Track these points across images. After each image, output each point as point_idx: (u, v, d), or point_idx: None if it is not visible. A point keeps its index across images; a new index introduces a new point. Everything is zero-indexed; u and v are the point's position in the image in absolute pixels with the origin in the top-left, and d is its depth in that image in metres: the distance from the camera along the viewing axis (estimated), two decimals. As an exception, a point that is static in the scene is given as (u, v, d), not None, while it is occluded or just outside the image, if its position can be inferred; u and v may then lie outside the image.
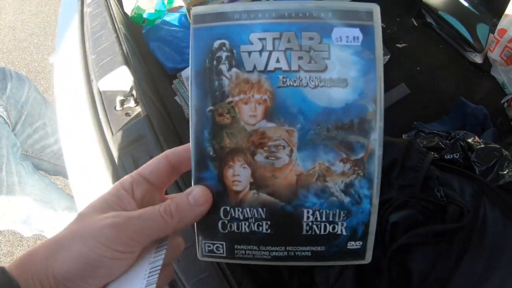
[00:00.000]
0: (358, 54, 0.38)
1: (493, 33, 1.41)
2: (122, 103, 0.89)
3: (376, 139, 0.39)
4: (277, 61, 0.38)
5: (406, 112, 1.27)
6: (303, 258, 0.41)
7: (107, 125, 0.88)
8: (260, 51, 0.38)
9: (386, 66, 1.33)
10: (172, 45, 1.24)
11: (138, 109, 0.88)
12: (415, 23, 1.60)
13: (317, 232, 0.41)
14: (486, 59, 1.48)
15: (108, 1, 1.08)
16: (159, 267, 0.37)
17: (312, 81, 0.38)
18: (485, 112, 1.26)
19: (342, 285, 0.78)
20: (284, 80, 0.39)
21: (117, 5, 1.15)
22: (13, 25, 3.32)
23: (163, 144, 0.80)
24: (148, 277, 0.36)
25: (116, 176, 0.80)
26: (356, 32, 0.38)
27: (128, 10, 1.25)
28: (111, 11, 1.06)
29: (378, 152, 0.40)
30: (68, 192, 1.58)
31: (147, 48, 1.27)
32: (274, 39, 0.38)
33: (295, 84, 0.39)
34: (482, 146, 0.92)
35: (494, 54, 1.44)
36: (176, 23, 1.28)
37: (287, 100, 0.39)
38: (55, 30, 3.18)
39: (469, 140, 0.94)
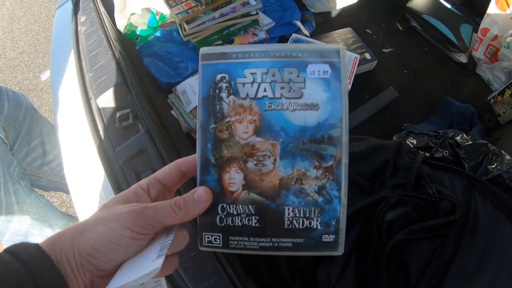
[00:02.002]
0: (328, 85, 0.48)
1: (476, 32, 1.46)
2: (122, 119, 0.91)
3: (342, 150, 0.48)
4: (265, 90, 0.49)
5: (395, 115, 1.30)
6: (285, 248, 0.50)
7: (108, 141, 0.90)
8: (252, 83, 0.49)
9: (374, 71, 1.38)
10: (165, 60, 1.26)
11: (138, 124, 0.90)
12: (400, 27, 1.65)
13: (297, 226, 0.49)
14: (470, 58, 1.53)
15: (102, 20, 1.10)
16: (168, 245, 0.44)
17: (291, 105, 0.48)
18: (472, 110, 1.30)
19: (343, 284, 0.80)
20: (270, 105, 0.49)
21: (110, 23, 1.18)
22: (3, 44, 3.35)
23: (164, 157, 0.82)
24: (159, 251, 0.43)
25: (119, 191, 0.81)
26: (326, 67, 0.48)
27: (121, 27, 1.28)
28: (106, 29, 1.08)
29: (344, 160, 0.48)
30: (64, 211, 1.57)
31: (141, 64, 1.29)
32: (262, 73, 0.49)
33: (278, 108, 0.49)
34: (470, 142, 0.95)
35: (478, 53, 1.48)
36: (169, 38, 1.31)
37: (271, 120, 0.49)
38: (45, 48, 3.22)
39: (457, 138, 0.98)
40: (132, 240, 0.43)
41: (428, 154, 0.97)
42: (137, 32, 1.26)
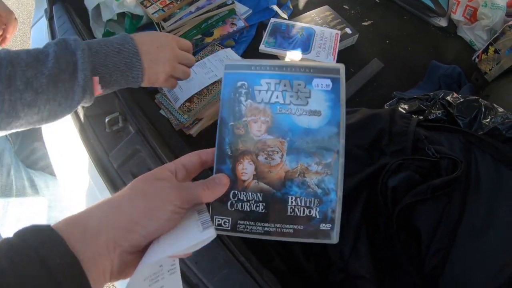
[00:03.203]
0: (329, 96, 0.57)
1: (452, -5, 1.46)
2: (111, 123, 0.90)
3: (339, 150, 0.56)
4: (277, 97, 0.58)
5: (383, 85, 1.29)
6: (287, 234, 0.56)
7: (100, 147, 0.89)
8: (266, 90, 0.58)
9: (357, 45, 1.38)
10: (147, 61, 1.25)
11: (128, 126, 0.89)
12: (376, 0, 1.64)
13: (298, 214, 0.56)
14: (450, 21, 1.53)
15: (79, 30, 1.09)
16: (209, 219, 0.51)
17: (298, 111, 0.57)
18: (458, 70, 1.29)
19: (356, 258, 0.80)
20: (280, 109, 0.57)
21: (88, 33, 1.16)
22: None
23: (160, 155, 0.81)
24: (202, 224, 0.50)
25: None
26: (327, 81, 0.57)
27: (99, 35, 1.26)
28: (84, 38, 1.06)
29: (341, 159, 0.56)
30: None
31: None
32: (275, 83, 0.58)
33: (287, 112, 0.57)
34: (462, 100, 0.95)
35: (457, 15, 1.48)
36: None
37: (281, 122, 0.57)
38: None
39: (448, 98, 0.97)
40: (173, 214, 0.46)
41: (421, 117, 0.96)
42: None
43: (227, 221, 0.57)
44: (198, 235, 0.48)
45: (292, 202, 0.56)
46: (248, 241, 0.78)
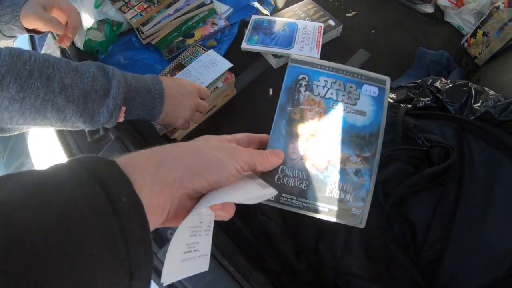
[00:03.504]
0: (374, 100, 0.65)
1: (437, -20, 1.44)
2: (92, 132, 0.88)
3: (377, 147, 0.62)
4: (331, 94, 0.65)
5: (371, 75, 1.25)
6: (322, 212, 0.61)
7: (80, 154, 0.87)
8: (323, 86, 0.65)
9: (342, 37, 1.35)
10: (129, 67, 1.22)
11: (109, 134, 0.87)
12: (360, -11, 1.61)
13: (335, 196, 0.61)
14: (436, 7, 1.51)
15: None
16: (266, 184, 0.57)
17: (347, 108, 0.64)
18: (446, 56, 1.27)
19: (349, 254, 0.78)
20: (333, 104, 0.64)
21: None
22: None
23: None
24: (261, 186, 0.55)
25: None
26: (375, 89, 0.65)
27: (80, 44, 1.23)
28: (65, 50, 1.06)
29: (377, 155, 0.62)
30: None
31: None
32: (332, 82, 0.65)
33: (338, 108, 0.64)
34: (451, 85, 0.92)
35: (443, 1, 1.46)
36: (129, 45, 1.27)
37: (332, 115, 0.64)
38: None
39: (437, 84, 0.94)
40: (235, 172, 0.49)
41: (410, 106, 0.94)
42: (96, 46, 1.22)
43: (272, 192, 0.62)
44: (259, 190, 0.54)
45: (331, 185, 0.62)
46: (238, 242, 0.80)
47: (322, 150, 0.63)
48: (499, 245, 0.73)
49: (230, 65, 1.10)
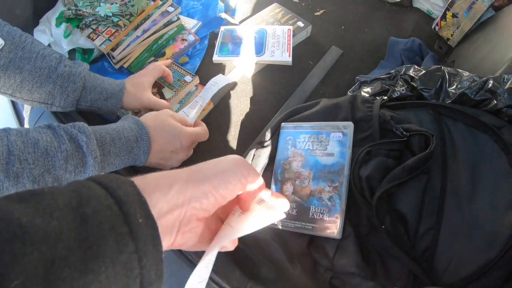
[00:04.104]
0: (340, 143, 0.86)
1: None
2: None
3: (344, 177, 0.82)
4: (308, 146, 0.90)
5: (345, 71, 1.26)
6: (308, 229, 0.83)
7: None
8: (303, 142, 0.91)
9: (312, 36, 1.35)
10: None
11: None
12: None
13: (316, 217, 0.83)
14: (404, -6, 1.50)
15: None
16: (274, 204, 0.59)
17: (320, 153, 0.88)
18: (418, 42, 1.27)
19: (343, 252, 0.78)
20: (310, 153, 0.89)
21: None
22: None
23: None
24: (269, 208, 0.58)
25: None
26: (340, 134, 0.87)
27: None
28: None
29: (345, 183, 0.82)
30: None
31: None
32: (308, 137, 0.90)
33: (313, 155, 0.89)
34: (424, 72, 0.92)
35: (409, -13, 1.46)
36: (102, 71, 1.25)
37: (310, 161, 0.88)
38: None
39: (410, 72, 0.94)
40: (239, 183, 0.50)
41: (386, 98, 0.93)
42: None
43: None
44: (276, 213, 0.57)
45: (312, 210, 0.84)
46: (232, 254, 0.77)
47: (305, 187, 0.86)
48: (489, 226, 0.72)
49: (229, 80, 1.15)
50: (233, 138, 1.11)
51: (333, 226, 0.80)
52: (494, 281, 0.70)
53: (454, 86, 0.88)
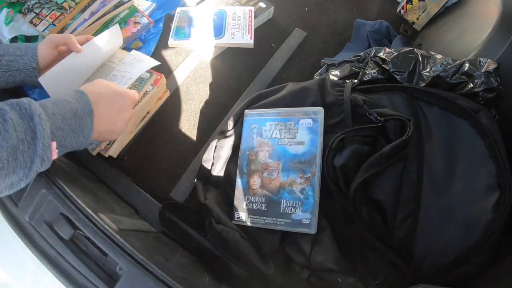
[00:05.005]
0: (310, 131, 0.82)
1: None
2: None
3: (316, 167, 0.78)
4: (276, 134, 0.85)
5: (309, 54, 1.21)
6: (280, 225, 0.79)
7: (8, 199, 0.77)
8: (269, 130, 0.86)
9: (274, 18, 1.29)
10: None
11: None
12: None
13: (287, 211, 0.79)
14: (368, -24, 1.46)
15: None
16: None
17: (289, 142, 0.83)
18: (385, 24, 1.24)
19: (320, 247, 0.74)
20: (278, 142, 0.84)
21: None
22: None
23: (67, 193, 0.69)
24: None
25: (38, 250, 0.70)
26: (310, 121, 0.82)
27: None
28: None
29: (318, 173, 0.78)
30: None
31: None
32: (275, 125, 0.86)
33: (282, 144, 0.84)
34: (396, 54, 0.88)
35: (373, -32, 1.42)
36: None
37: (278, 150, 0.84)
38: None
39: (381, 54, 0.90)
40: None
41: (356, 81, 0.89)
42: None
43: (243, 215, 0.83)
44: None
45: (283, 204, 0.80)
46: (200, 255, 0.85)
47: (274, 179, 0.82)
48: (467, 211, 0.71)
49: (156, 62, 1.01)
50: (192, 128, 1.04)
51: (307, 220, 0.76)
52: (476, 267, 0.70)
53: (428, 69, 0.85)
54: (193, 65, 1.16)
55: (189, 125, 1.05)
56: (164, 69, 1.10)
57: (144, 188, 0.95)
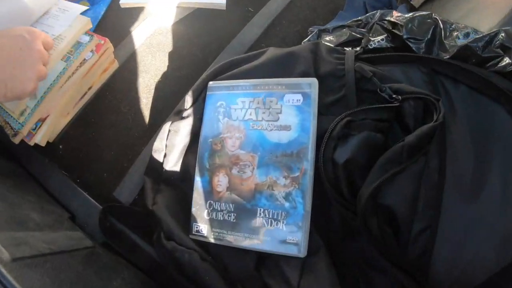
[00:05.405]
0: (299, 110, 0.62)
1: None
2: None
3: (308, 164, 0.59)
4: (250, 114, 0.65)
5: (294, 22, 1.03)
6: (255, 243, 0.60)
7: None
8: (241, 109, 0.67)
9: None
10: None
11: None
12: None
13: (266, 225, 0.60)
14: None
15: None
16: None
17: (269, 126, 0.64)
18: (388, -12, 1.06)
19: (311, 276, 0.57)
20: (253, 125, 0.65)
21: None
22: None
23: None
24: None
25: None
26: (299, 96, 0.63)
27: None
28: None
29: (310, 172, 0.59)
30: None
31: None
32: (250, 102, 0.66)
33: (259, 128, 0.64)
34: (409, 17, 0.70)
35: None
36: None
37: (253, 138, 0.65)
38: None
39: (390, 18, 0.72)
40: None
41: (358, 49, 0.70)
42: None
43: (204, 228, 0.64)
44: None
45: (260, 214, 0.60)
46: (152, 272, 0.72)
47: (247, 178, 0.62)
48: (502, 223, 0.55)
49: (83, 8, 0.85)
50: (145, 107, 0.90)
51: (294, 239, 0.58)
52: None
53: (453, 37, 0.67)
54: (150, 31, 1.00)
55: (141, 104, 0.90)
56: (113, 35, 0.94)
57: (82, 185, 0.82)
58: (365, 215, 0.52)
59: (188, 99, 0.73)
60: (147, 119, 0.88)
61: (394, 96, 0.57)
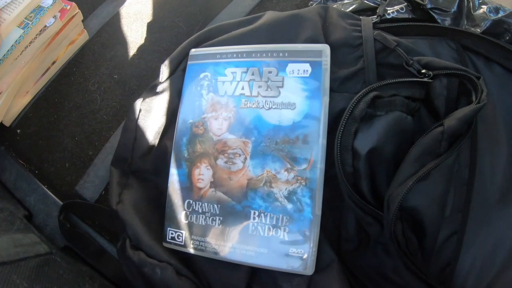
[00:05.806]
0: (306, 83, 0.50)
1: None
2: None
3: (318, 153, 0.47)
4: (242, 88, 0.52)
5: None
6: (247, 257, 0.48)
7: None
8: (231, 81, 0.54)
9: None
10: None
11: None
12: None
13: (261, 233, 0.48)
14: None
15: None
16: None
17: (267, 104, 0.51)
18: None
19: None
20: (246, 102, 0.52)
21: None
22: None
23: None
24: None
25: None
26: (306, 66, 0.50)
27: None
28: None
29: (320, 165, 0.46)
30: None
31: None
32: (242, 72, 0.53)
33: (253, 106, 0.52)
34: (432, -15, 0.62)
35: None
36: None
37: (246, 118, 0.52)
38: None
39: None
40: None
41: (374, 17, 0.59)
42: None
43: (181, 234, 0.52)
44: None
45: (254, 218, 0.48)
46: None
47: (237, 171, 0.51)
48: None
49: None
50: (116, 85, 0.82)
51: (299, 251, 0.46)
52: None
53: (482, 10, 0.60)
54: (124, -1, 0.93)
55: (112, 81, 0.83)
56: (84, 1, 0.88)
57: (41, 177, 0.75)
58: (394, 222, 0.42)
59: (164, 70, 0.60)
60: (118, 99, 0.80)
61: (423, 71, 0.47)
